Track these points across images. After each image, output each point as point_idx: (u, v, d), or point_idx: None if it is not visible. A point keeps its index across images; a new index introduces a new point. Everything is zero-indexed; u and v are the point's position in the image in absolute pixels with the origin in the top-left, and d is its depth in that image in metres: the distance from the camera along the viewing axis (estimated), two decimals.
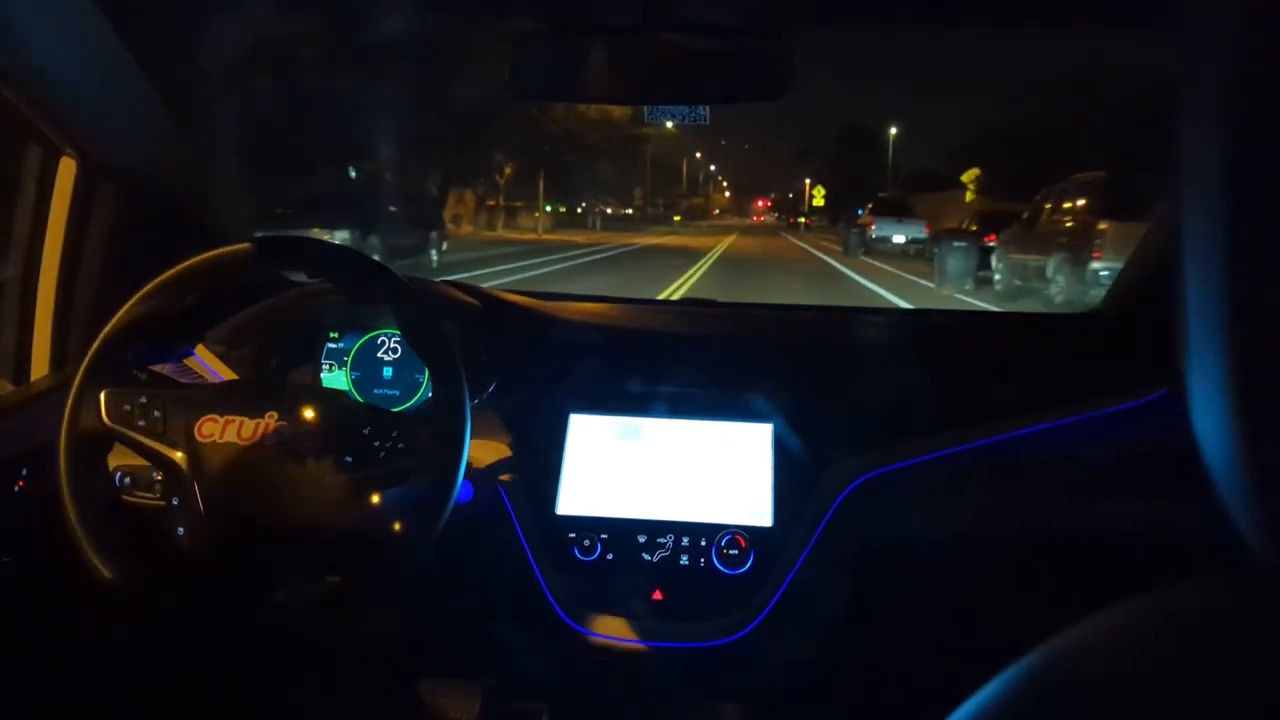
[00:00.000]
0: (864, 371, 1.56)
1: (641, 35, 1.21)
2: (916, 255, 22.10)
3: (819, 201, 53.72)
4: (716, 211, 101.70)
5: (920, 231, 23.25)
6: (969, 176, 29.37)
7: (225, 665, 1.39)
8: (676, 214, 69.48)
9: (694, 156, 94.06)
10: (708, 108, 1.46)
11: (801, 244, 32.78)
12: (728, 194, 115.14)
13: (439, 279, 1.66)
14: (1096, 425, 1.44)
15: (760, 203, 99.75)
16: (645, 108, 1.40)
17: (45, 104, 1.21)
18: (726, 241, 31.53)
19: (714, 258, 21.62)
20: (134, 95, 1.32)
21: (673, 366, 1.56)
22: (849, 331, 1.83)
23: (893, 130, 55.22)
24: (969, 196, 27.66)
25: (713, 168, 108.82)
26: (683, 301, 1.94)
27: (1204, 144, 0.34)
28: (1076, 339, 1.78)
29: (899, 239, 23.46)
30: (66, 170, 1.33)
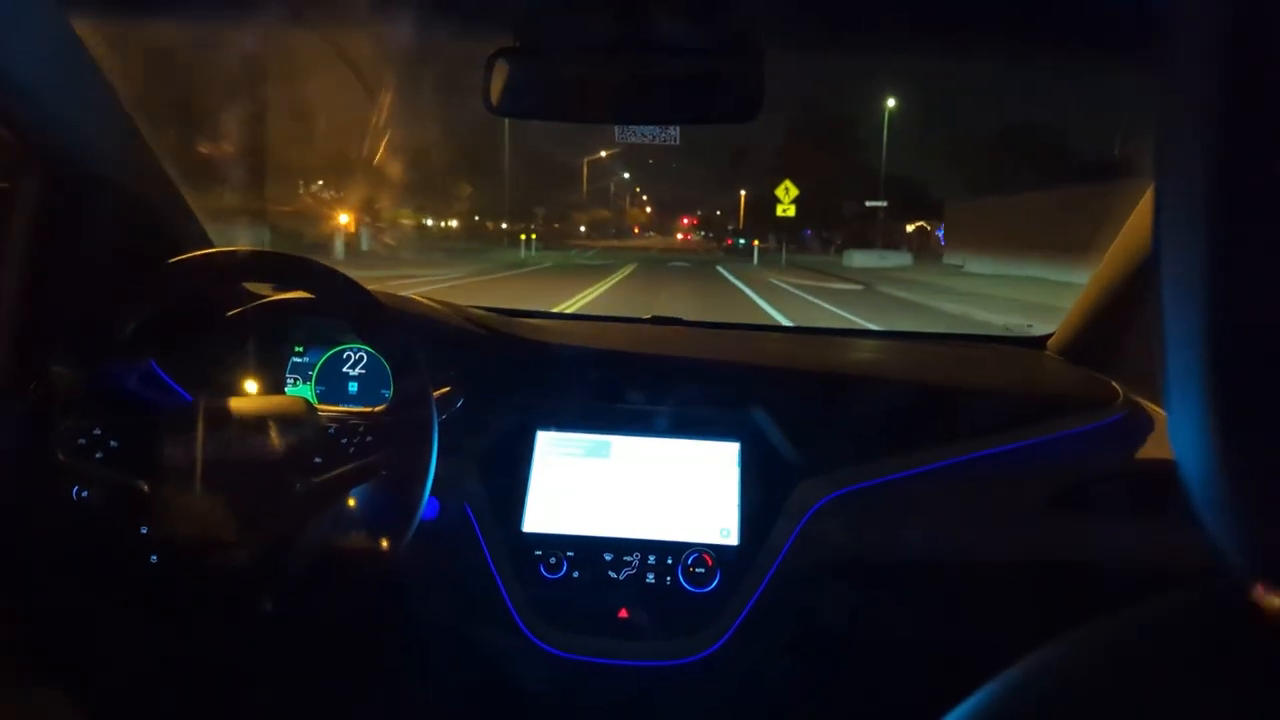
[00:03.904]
0: (830, 391, 1.57)
1: (614, 55, 1.22)
2: None
3: (786, 209, 31.66)
4: (637, 229, 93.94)
5: None
6: None
7: (202, 681, 1.37)
8: (530, 230, 44.64)
9: (599, 157, 74.49)
10: (678, 128, 1.48)
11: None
12: (648, 209, 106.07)
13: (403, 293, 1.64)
14: (1058, 446, 1.46)
15: (685, 220, 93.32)
16: (617, 127, 1.41)
17: (9, 112, 1.20)
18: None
19: None
20: (101, 105, 1.30)
21: (640, 384, 1.56)
22: (815, 351, 1.84)
23: (889, 102, 38.89)
24: None
25: (625, 175, 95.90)
26: (650, 320, 1.95)
27: (1185, 177, 0.34)
28: (1034, 363, 1.81)
29: None
30: (31, 179, 1.31)
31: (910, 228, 44.82)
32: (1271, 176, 0.31)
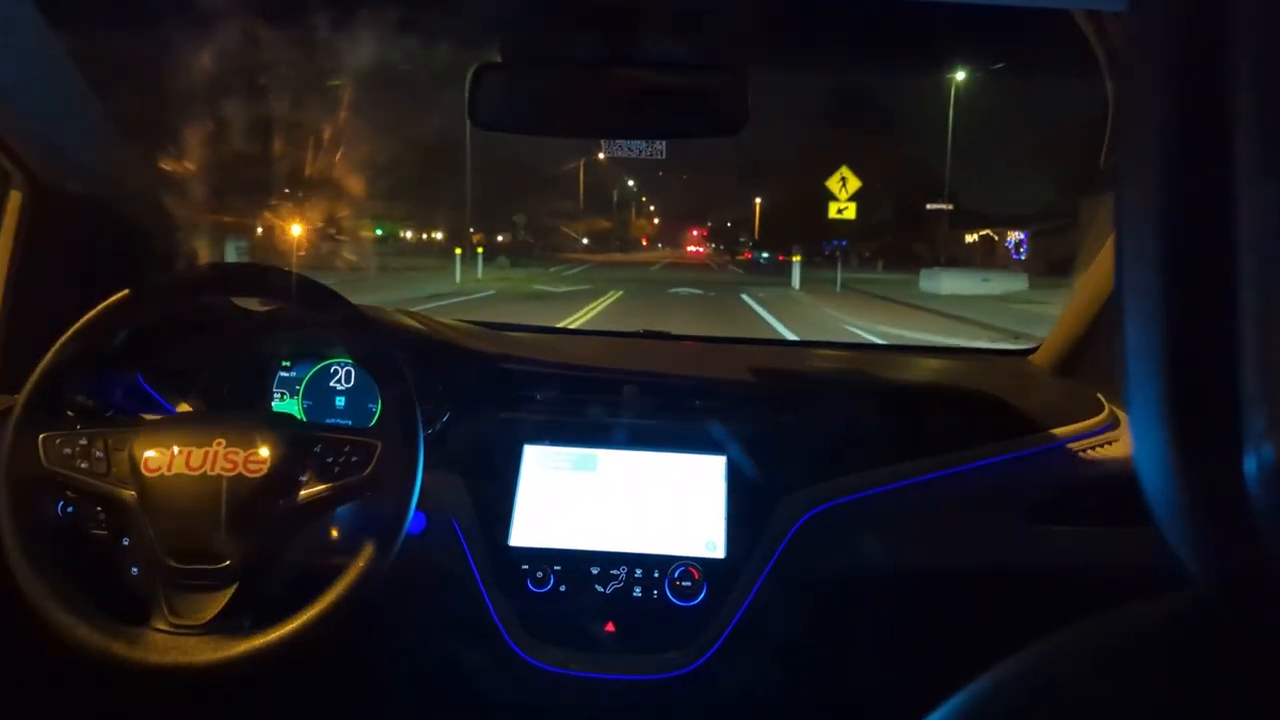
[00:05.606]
0: (816, 404, 1.57)
1: (602, 69, 1.22)
2: None
3: (843, 208, 23.96)
4: (645, 241, 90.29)
5: None
6: None
7: (184, 695, 1.36)
8: (479, 242, 30.05)
9: (598, 159, 64.02)
10: (664, 142, 1.48)
11: None
12: (656, 220, 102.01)
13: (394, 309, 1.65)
14: (1043, 457, 1.47)
15: (695, 232, 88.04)
16: (604, 140, 1.42)
17: None
18: None
19: None
20: (87, 118, 1.30)
21: (628, 399, 1.56)
22: (802, 365, 1.85)
23: (958, 75, 28.29)
24: None
25: (630, 183, 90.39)
26: (638, 334, 1.95)
27: (1140, 189, 0.35)
28: (1020, 375, 1.82)
29: None
30: (17, 192, 1.31)
31: (972, 237, 36.02)
32: (1224, 191, 0.31)
